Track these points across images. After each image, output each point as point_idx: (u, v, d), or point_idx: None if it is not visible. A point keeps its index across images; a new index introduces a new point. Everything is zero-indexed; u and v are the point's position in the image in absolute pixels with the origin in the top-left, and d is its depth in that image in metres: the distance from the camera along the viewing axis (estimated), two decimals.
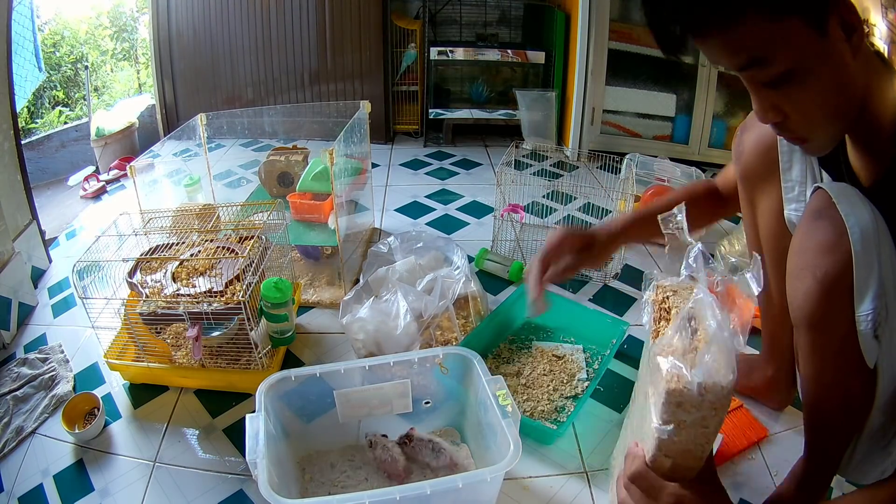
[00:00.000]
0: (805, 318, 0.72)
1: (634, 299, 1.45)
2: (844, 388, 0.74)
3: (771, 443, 1.04)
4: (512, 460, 0.76)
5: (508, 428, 0.80)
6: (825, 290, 0.68)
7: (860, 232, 0.64)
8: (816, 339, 0.74)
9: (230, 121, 2.06)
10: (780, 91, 0.60)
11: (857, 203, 0.66)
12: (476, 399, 0.94)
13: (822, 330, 0.72)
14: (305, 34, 2.48)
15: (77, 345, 1.33)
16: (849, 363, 0.70)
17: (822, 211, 0.69)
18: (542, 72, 2.50)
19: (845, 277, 0.66)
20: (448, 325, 1.26)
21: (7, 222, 1.47)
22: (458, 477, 0.75)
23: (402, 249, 1.42)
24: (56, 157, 2.67)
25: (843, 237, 0.65)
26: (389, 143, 2.58)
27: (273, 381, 0.90)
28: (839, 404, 0.75)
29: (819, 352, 0.75)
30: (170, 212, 1.30)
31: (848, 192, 0.68)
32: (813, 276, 0.69)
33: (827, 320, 0.70)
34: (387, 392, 0.97)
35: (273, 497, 0.72)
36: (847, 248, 0.65)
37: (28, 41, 2.34)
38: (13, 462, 1.04)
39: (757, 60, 0.59)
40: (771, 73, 0.59)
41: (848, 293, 0.66)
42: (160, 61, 2.56)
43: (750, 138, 0.89)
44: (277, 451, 0.86)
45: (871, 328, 0.66)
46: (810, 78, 0.59)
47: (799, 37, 0.56)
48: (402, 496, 0.73)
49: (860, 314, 0.66)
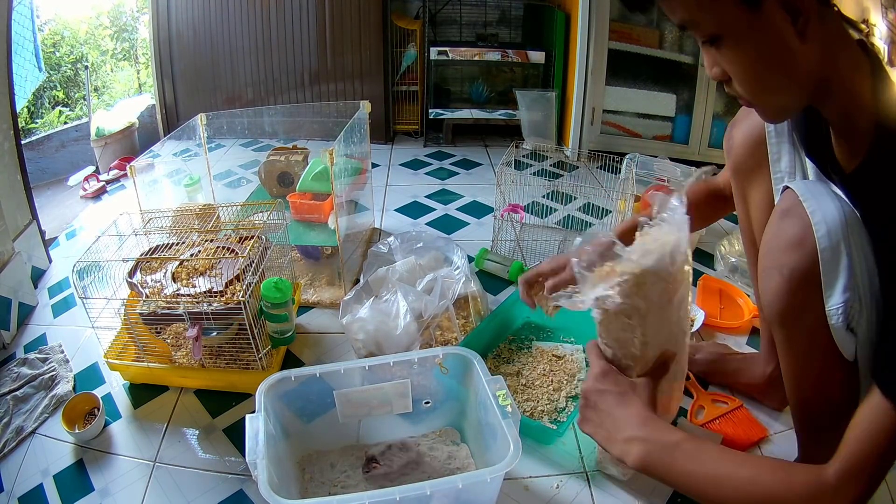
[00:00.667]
0: (776, 316, 0.73)
1: None
2: (824, 384, 0.75)
3: (771, 443, 1.04)
4: (512, 460, 0.76)
5: (508, 428, 0.80)
6: (791, 286, 0.70)
7: (826, 227, 0.65)
8: (788, 336, 0.75)
9: (230, 121, 2.06)
10: (716, 51, 0.64)
11: (824, 199, 0.67)
12: (476, 399, 0.94)
13: (791, 326, 0.73)
14: (305, 34, 2.48)
15: (77, 345, 1.33)
16: (825, 358, 0.71)
17: (788, 210, 0.71)
18: (542, 72, 2.50)
19: (811, 273, 0.67)
20: (448, 325, 1.26)
21: (7, 222, 1.47)
22: (458, 477, 0.75)
23: (402, 249, 1.42)
24: (56, 157, 2.67)
25: (809, 233, 0.67)
26: (389, 143, 2.58)
27: (273, 382, 0.90)
28: (821, 400, 0.76)
29: (793, 348, 0.76)
30: (170, 212, 1.30)
31: (816, 190, 0.69)
32: (780, 273, 0.70)
33: (796, 316, 0.71)
34: (387, 392, 0.97)
35: (273, 497, 0.72)
36: (812, 244, 0.66)
37: (28, 41, 2.34)
38: (13, 462, 1.04)
39: (690, 23, 0.63)
40: (702, 34, 0.63)
41: (815, 288, 0.67)
42: (160, 61, 2.55)
43: (739, 132, 0.90)
44: (277, 451, 0.86)
45: (843, 321, 0.66)
46: (739, 46, 0.62)
47: (724, 5, 0.59)
48: (403, 496, 0.73)
49: (830, 308, 0.67)
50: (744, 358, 1.15)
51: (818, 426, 0.79)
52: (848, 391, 0.71)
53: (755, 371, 1.09)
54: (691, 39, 2.19)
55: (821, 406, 0.77)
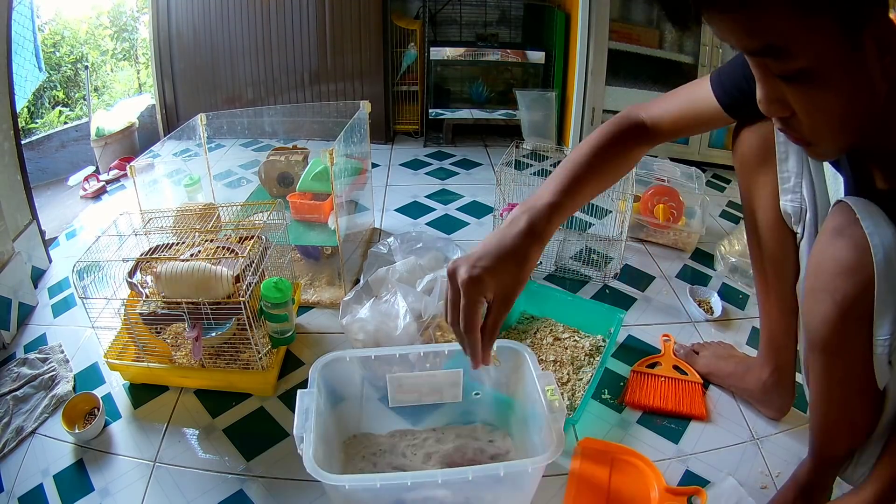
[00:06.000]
0: (821, 342, 0.70)
1: (635, 299, 1.45)
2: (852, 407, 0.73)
3: (771, 443, 1.04)
4: (555, 453, 0.76)
5: (554, 423, 0.81)
6: (844, 314, 0.65)
7: (884, 252, 0.61)
8: (830, 363, 0.72)
9: (230, 121, 2.06)
10: (792, 86, 0.55)
11: (880, 221, 0.62)
12: (524, 393, 0.94)
13: (837, 354, 0.70)
14: (305, 34, 2.48)
15: (77, 345, 1.33)
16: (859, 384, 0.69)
17: (843, 228, 0.64)
18: (542, 72, 2.50)
19: (865, 301, 0.63)
20: (448, 325, 1.26)
21: (7, 222, 1.47)
22: (499, 465, 0.76)
23: (402, 250, 1.42)
24: (56, 157, 2.67)
25: (865, 257, 0.62)
26: (389, 143, 2.58)
27: (328, 360, 0.92)
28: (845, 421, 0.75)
29: (832, 375, 0.73)
30: (170, 212, 1.30)
31: (872, 209, 0.63)
32: (832, 299, 0.65)
33: (843, 345, 0.68)
34: (439, 380, 0.97)
35: (317, 471, 0.73)
36: (869, 270, 0.61)
37: (28, 41, 2.34)
38: (13, 462, 1.04)
39: (774, 50, 0.52)
40: (786, 67, 0.53)
41: (867, 317, 0.63)
42: (160, 61, 2.55)
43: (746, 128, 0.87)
44: (325, 429, 0.88)
45: (887, 353, 0.64)
46: (828, 84, 0.53)
47: (827, 39, 0.50)
48: (444, 479, 0.75)
49: (878, 338, 0.63)
50: (743, 361, 1.14)
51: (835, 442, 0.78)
52: (871, 419, 0.71)
53: (751, 377, 1.07)
54: (691, 39, 2.19)
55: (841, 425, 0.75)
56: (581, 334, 1.27)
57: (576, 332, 1.28)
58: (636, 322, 1.36)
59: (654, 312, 1.40)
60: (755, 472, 0.98)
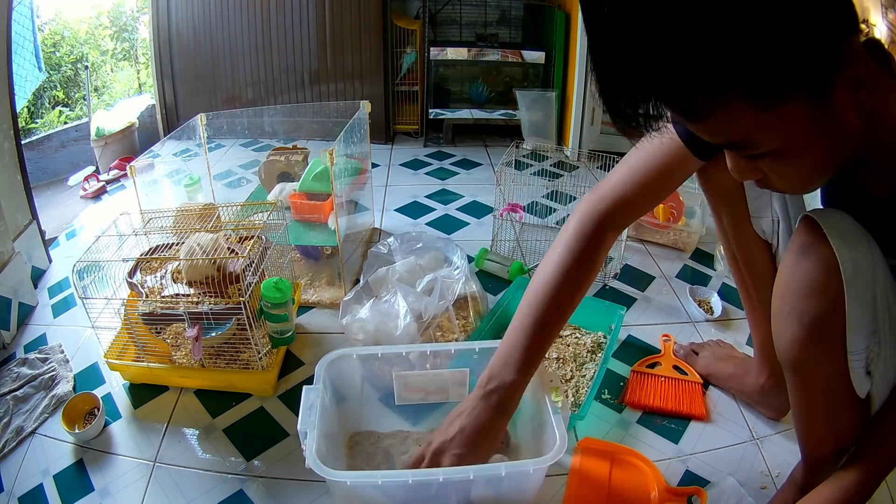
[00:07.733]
0: (792, 363, 0.69)
1: (634, 299, 1.45)
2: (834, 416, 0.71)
3: (771, 443, 1.04)
4: (557, 454, 0.77)
5: (558, 424, 0.81)
6: (812, 335, 0.64)
7: (853, 267, 0.58)
8: (804, 381, 0.71)
9: (230, 121, 2.06)
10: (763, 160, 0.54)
11: (849, 233, 0.60)
12: (529, 393, 0.94)
13: (808, 373, 0.69)
14: (305, 34, 2.48)
15: (77, 345, 1.33)
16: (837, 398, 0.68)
17: (808, 247, 0.62)
18: (542, 72, 2.50)
19: (834, 319, 0.61)
20: (448, 325, 1.26)
21: (7, 222, 1.47)
22: (501, 465, 0.77)
23: (402, 250, 1.42)
24: (56, 157, 2.67)
25: (833, 276, 0.59)
26: (389, 143, 2.58)
27: (334, 357, 0.92)
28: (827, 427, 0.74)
29: (806, 391, 0.72)
30: (170, 212, 1.30)
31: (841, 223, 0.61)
32: (799, 321, 0.64)
33: (815, 364, 0.67)
34: (445, 379, 0.98)
35: (319, 467, 0.73)
36: (837, 289, 0.59)
37: (28, 41, 2.34)
38: (13, 462, 1.04)
39: (740, 145, 0.51)
40: (754, 153, 0.52)
41: (837, 335, 0.62)
42: (160, 61, 2.55)
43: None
44: (329, 425, 0.88)
45: (864, 364, 0.63)
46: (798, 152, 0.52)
47: (794, 121, 0.48)
48: (446, 478, 0.75)
49: (852, 352, 0.62)
50: (741, 363, 1.14)
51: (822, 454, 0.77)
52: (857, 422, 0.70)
53: (749, 380, 1.08)
54: None
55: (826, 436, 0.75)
56: (582, 331, 1.28)
57: (577, 328, 1.29)
58: (636, 322, 1.36)
59: (654, 312, 1.40)
60: (755, 472, 0.98)
